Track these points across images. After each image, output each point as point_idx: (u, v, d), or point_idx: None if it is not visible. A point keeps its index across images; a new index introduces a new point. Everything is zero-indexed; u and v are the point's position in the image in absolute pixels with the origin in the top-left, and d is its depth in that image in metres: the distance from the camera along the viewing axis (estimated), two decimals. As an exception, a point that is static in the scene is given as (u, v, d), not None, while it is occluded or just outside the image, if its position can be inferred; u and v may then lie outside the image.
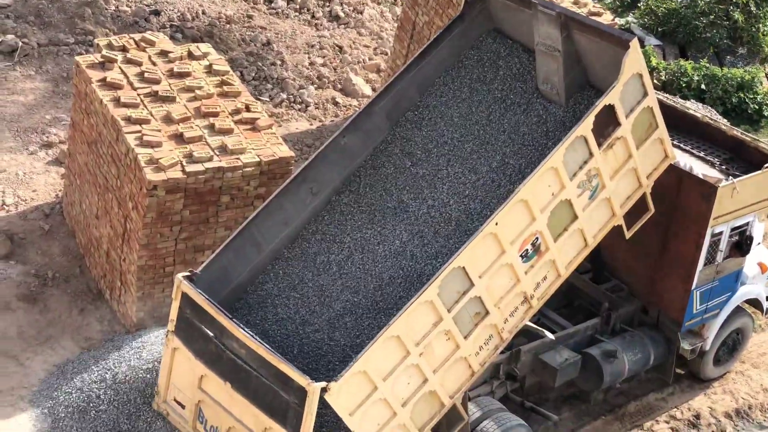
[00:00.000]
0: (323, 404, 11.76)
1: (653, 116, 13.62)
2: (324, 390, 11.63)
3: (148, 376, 13.88)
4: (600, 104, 12.91)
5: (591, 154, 13.08)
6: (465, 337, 12.71)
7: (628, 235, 14.07)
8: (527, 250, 12.92)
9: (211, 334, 12.41)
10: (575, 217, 13.25)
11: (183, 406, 12.95)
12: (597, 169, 13.22)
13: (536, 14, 13.56)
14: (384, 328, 12.00)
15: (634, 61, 13.04)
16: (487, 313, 12.81)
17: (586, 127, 12.88)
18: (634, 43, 12.92)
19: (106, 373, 14.11)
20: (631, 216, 14.06)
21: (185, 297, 12.62)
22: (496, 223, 12.45)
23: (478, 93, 14.30)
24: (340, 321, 13.11)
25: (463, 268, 12.38)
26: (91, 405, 13.77)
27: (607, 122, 13.12)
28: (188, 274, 12.72)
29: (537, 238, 12.96)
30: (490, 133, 13.96)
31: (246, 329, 12.16)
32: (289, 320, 13.21)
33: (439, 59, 14.40)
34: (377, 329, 12.36)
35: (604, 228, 13.70)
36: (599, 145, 13.09)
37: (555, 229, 13.10)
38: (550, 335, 14.70)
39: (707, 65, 22.80)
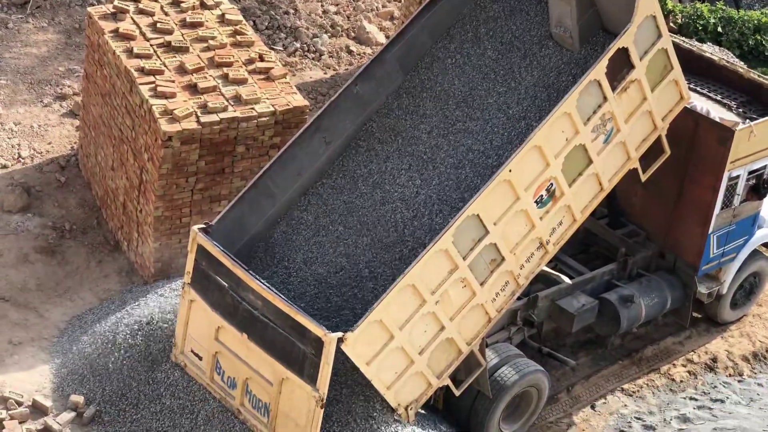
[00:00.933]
0: (340, 353, 11.82)
1: (668, 58, 13.51)
2: (341, 340, 11.68)
3: (166, 326, 13.96)
4: (613, 47, 12.81)
5: (605, 98, 13.00)
6: (481, 284, 12.74)
7: (643, 177, 14.03)
8: (542, 195, 12.89)
9: (227, 285, 12.45)
10: (590, 162, 13.20)
11: (200, 358, 13.04)
12: (611, 113, 13.14)
13: None
14: (399, 277, 12.02)
15: (647, 2, 12.92)
16: (503, 259, 12.82)
17: (599, 71, 12.79)
18: None
19: (125, 324, 14.20)
20: (647, 159, 14.00)
21: (201, 249, 12.66)
22: (510, 170, 12.42)
23: (491, 39, 14.19)
24: (357, 271, 13.14)
25: (477, 215, 12.36)
26: (110, 356, 13.87)
27: (621, 65, 13.03)
28: (203, 226, 12.75)
29: (552, 184, 12.93)
30: (504, 79, 13.89)
31: (262, 280, 12.20)
32: (305, 271, 13.24)
33: (451, 4, 14.28)
34: (394, 278, 12.39)
35: (619, 172, 13.66)
36: (613, 88, 13.01)
37: (570, 174, 13.06)
38: (567, 280, 14.72)
39: (723, 7, 22.58)
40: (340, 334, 11.70)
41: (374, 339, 12.03)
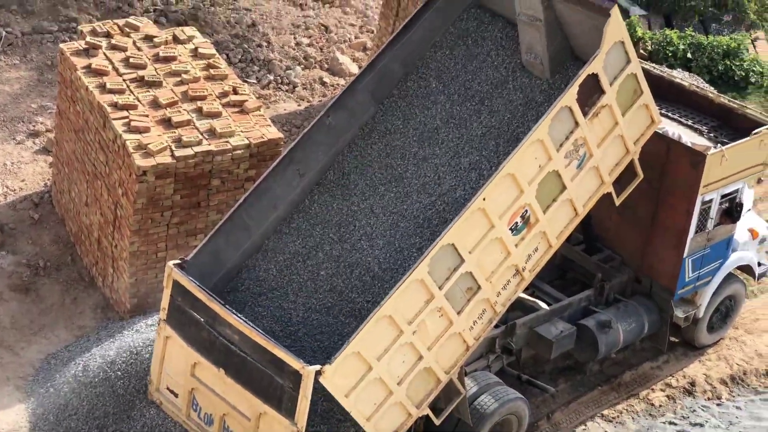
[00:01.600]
0: (318, 386, 11.77)
1: (637, 82, 13.58)
2: (319, 373, 11.63)
3: (142, 363, 13.87)
4: (583, 74, 12.87)
5: (577, 124, 13.05)
6: (458, 313, 12.73)
7: (618, 201, 14.08)
8: (517, 223, 12.91)
9: (203, 320, 12.39)
10: (564, 188, 13.24)
11: (176, 395, 12.93)
12: (583, 138, 13.19)
13: None
14: (376, 308, 11.99)
15: (615, 28, 12.98)
16: (479, 287, 12.83)
17: (570, 97, 12.86)
18: (615, 11, 12.85)
19: (101, 361, 14.09)
20: (621, 183, 14.07)
21: (176, 284, 12.58)
22: (484, 199, 12.44)
23: (462, 68, 14.26)
24: (333, 302, 13.11)
25: (453, 245, 12.36)
26: (85, 394, 13.76)
27: (592, 91, 13.09)
28: (179, 261, 12.69)
29: (526, 211, 12.95)
30: (476, 108, 13.94)
31: (239, 315, 12.13)
32: (282, 304, 13.19)
33: (422, 33, 14.33)
34: (370, 309, 12.37)
35: (593, 196, 13.70)
36: (584, 114, 13.07)
37: (544, 200, 13.10)
38: (544, 305, 14.73)
39: (693, 34, 22.81)
40: (318, 366, 11.65)
41: (352, 371, 11.98)
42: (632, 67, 13.41)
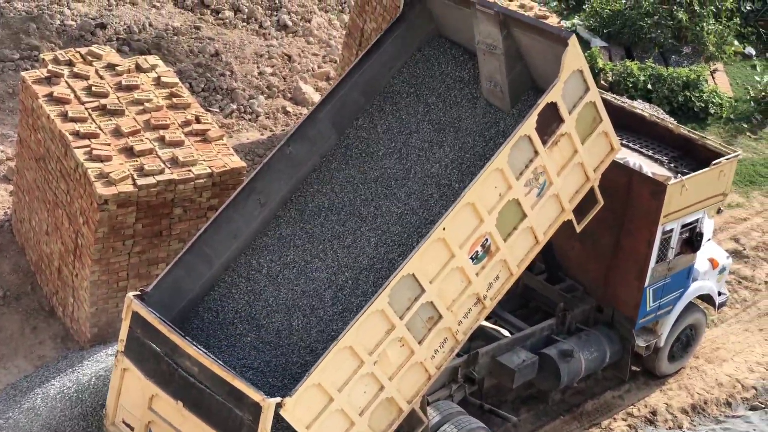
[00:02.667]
0: (278, 418, 11.69)
1: (596, 110, 13.61)
2: (279, 405, 11.54)
3: (102, 393, 13.73)
4: (542, 103, 12.89)
5: (536, 152, 13.07)
6: (419, 342, 12.70)
7: (579, 228, 14.12)
8: (477, 251, 12.92)
9: (162, 352, 12.24)
10: (524, 216, 13.25)
11: (132, 429, 12.74)
12: (543, 167, 13.21)
13: (475, 13, 13.52)
14: (336, 340, 11.94)
15: (573, 57, 13.02)
16: (441, 316, 12.81)
17: (529, 126, 12.87)
18: (573, 40, 12.89)
19: (61, 391, 13.96)
20: (582, 210, 14.11)
21: (136, 316, 12.42)
22: (444, 229, 12.41)
23: (423, 97, 14.30)
24: (293, 334, 13.04)
25: (413, 275, 12.33)
26: (45, 424, 13.61)
27: (551, 120, 13.10)
28: (138, 292, 12.57)
29: (486, 239, 12.95)
30: (437, 137, 13.97)
31: (198, 346, 12.01)
32: (242, 335, 13.09)
33: (381, 62, 14.34)
34: (331, 339, 12.32)
35: (554, 224, 13.72)
36: (544, 142, 13.08)
37: (504, 228, 13.10)
38: (506, 333, 14.75)
39: (653, 65, 23.06)
40: (278, 399, 11.56)
41: (313, 402, 11.90)
42: (591, 96, 13.46)
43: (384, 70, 14.38)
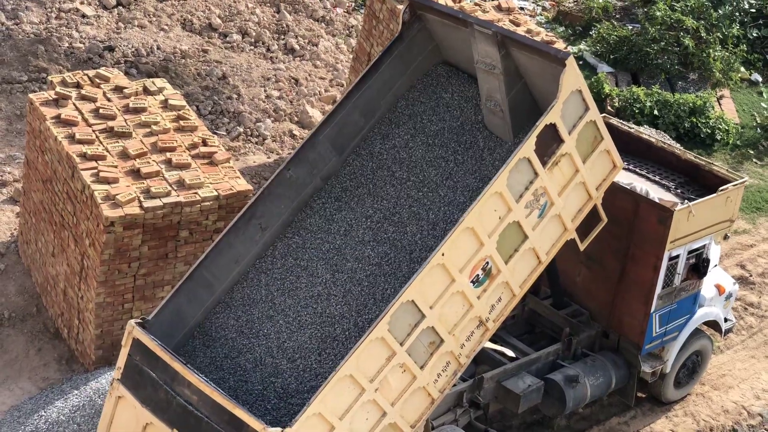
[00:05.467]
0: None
1: (597, 129, 13.51)
2: None
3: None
4: (540, 124, 12.79)
5: (536, 174, 12.97)
6: (421, 367, 12.62)
7: (582, 247, 14.06)
8: (478, 275, 12.83)
9: (161, 379, 12.09)
10: (525, 237, 13.15)
11: None
12: (544, 188, 13.11)
13: (473, 33, 13.48)
14: (336, 368, 11.85)
15: (571, 77, 12.91)
16: (442, 341, 12.72)
17: (528, 148, 12.77)
18: (570, 60, 12.79)
19: (65, 413, 13.92)
20: (585, 228, 14.01)
21: (136, 343, 12.30)
22: (443, 254, 12.32)
23: (426, 120, 14.26)
24: (294, 362, 12.93)
25: (412, 301, 12.26)
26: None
27: (551, 140, 13.00)
28: (140, 320, 12.44)
29: (487, 263, 12.85)
30: (439, 161, 13.92)
31: (200, 374, 11.91)
32: (243, 363, 13.00)
33: (381, 82, 14.25)
34: (332, 367, 12.24)
35: (556, 244, 13.63)
36: (543, 164, 12.98)
37: (505, 251, 13.00)
38: (510, 352, 14.67)
39: (659, 91, 23.07)
40: (279, 429, 11.46)
41: (314, 431, 11.83)
42: (591, 115, 13.34)
43: (384, 89, 14.29)
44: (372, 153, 14.17)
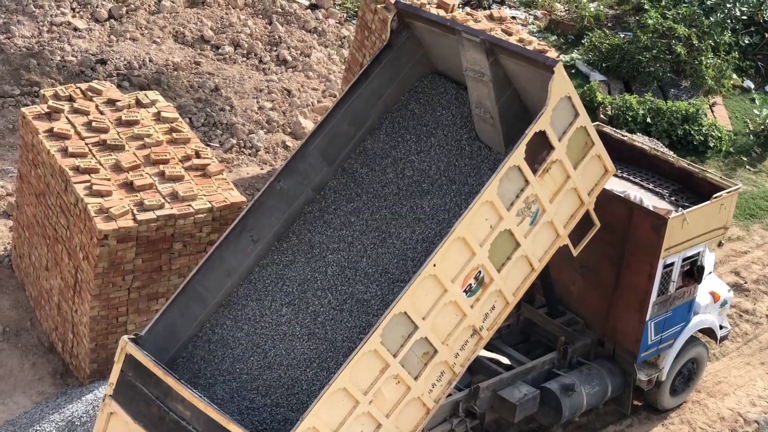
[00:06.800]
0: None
1: (588, 135, 13.45)
2: None
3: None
4: (530, 132, 12.73)
5: (527, 182, 12.91)
6: (415, 378, 12.58)
7: (575, 252, 14.01)
8: (470, 284, 12.76)
9: (154, 395, 12.02)
10: (518, 245, 13.09)
11: None
12: (535, 195, 13.05)
13: (461, 41, 13.44)
14: (329, 382, 11.80)
15: (560, 84, 12.83)
16: (436, 351, 12.67)
17: (518, 156, 12.70)
18: (559, 67, 12.72)
19: (60, 428, 13.88)
20: (578, 235, 13.97)
21: (129, 359, 12.22)
22: (434, 265, 12.26)
23: (415, 128, 14.23)
24: (288, 376, 12.87)
25: (405, 313, 12.20)
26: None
27: (541, 148, 12.94)
28: (133, 336, 12.37)
29: (480, 272, 12.80)
30: (428, 172, 13.88)
31: (194, 389, 11.86)
32: (234, 376, 12.94)
33: (370, 90, 14.16)
34: (326, 380, 12.20)
35: (549, 250, 13.57)
36: (534, 171, 12.91)
37: (497, 259, 12.93)
38: (505, 360, 14.64)
39: (652, 99, 23.11)
40: None
41: None
42: (581, 121, 13.26)
43: (373, 98, 14.22)
44: (359, 157, 14.10)
